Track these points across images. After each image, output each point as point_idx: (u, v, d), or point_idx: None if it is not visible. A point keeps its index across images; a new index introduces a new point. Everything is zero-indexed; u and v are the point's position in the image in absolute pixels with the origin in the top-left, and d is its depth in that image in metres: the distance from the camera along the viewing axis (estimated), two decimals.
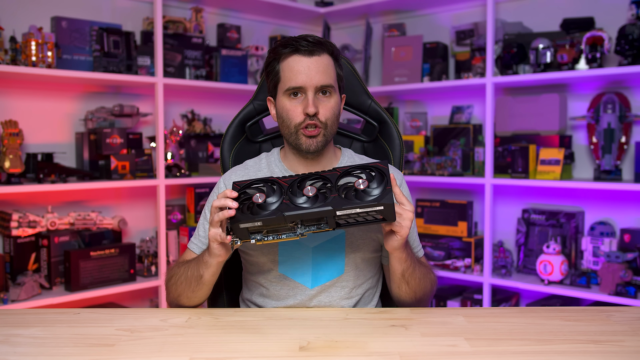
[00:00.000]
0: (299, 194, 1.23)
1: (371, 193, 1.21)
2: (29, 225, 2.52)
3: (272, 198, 1.23)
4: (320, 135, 1.42)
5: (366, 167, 1.26)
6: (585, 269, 2.72)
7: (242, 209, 1.23)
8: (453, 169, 3.08)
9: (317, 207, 1.20)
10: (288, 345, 1.16)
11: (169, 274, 1.46)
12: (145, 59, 2.87)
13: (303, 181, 1.26)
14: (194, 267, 1.38)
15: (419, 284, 1.41)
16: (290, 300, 1.46)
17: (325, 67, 1.41)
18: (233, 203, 1.22)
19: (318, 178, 1.26)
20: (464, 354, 1.11)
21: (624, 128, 2.70)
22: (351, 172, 1.26)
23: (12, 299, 2.42)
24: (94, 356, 1.11)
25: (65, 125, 2.81)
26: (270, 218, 1.20)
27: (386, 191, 1.20)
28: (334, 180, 1.24)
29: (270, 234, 1.23)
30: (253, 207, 1.22)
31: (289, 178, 1.26)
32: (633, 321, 1.30)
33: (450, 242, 3.13)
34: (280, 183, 1.25)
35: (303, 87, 1.39)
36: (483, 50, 3.02)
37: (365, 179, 1.22)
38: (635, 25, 2.53)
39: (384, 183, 1.22)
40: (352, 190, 1.22)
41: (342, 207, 1.20)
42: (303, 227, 1.23)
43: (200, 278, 1.36)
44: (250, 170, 1.53)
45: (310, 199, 1.22)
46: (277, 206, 1.21)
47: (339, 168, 1.27)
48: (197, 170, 3.15)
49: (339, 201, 1.20)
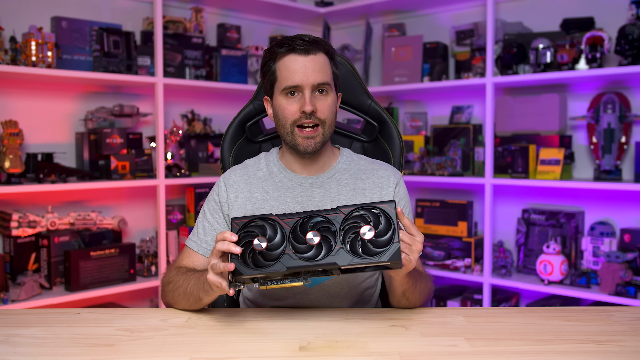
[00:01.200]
0: (301, 240, 1.19)
1: (377, 243, 1.17)
2: (29, 225, 2.52)
3: (273, 242, 1.19)
4: (319, 135, 1.42)
5: (372, 207, 1.21)
6: (585, 269, 2.72)
7: (243, 254, 1.19)
8: (453, 169, 3.08)
9: (321, 262, 1.17)
10: (288, 345, 1.16)
11: (168, 277, 1.44)
12: (145, 59, 2.87)
13: (305, 222, 1.21)
14: (194, 284, 1.34)
15: (418, 298, 1.40)
16: (290, 299, 1.46)
17: (321, 65, 1.41)
18: (236, 248, 1.18)
19: (320, 219, 1.21)
20: (464, 354, 1.11)
21: (624, 128, 2.70)
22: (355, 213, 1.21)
23: (12, 299, 2.42)
24: (94, 356, 1.11)
25: (65, 125, 2.81)
26: (273, 272, 1.18)
27: (393, 245, 1.17)
28: (339, 225, 1.20)
29: (273, 280, 1.21)
30: (254, 255, 1.19)
31: (290, 218, 1.21)
32: (633, 321, 1.30)
33: (450, 242, 3.13)
34: (281, 224, 1.21)
35: (300, 85, 1.39)
36: (483, 50, 3.02)
37: (372, 224, 1.19)
38: (635, 25, 2.53)
39: (391, 231, 1.18)
40: (357, 239, 1.18)
41: (347, 263, 1.17)
42: (307, 274, 1.21)
43: (200, 300, 1.34)
44: (249, 170, 1.53)
45: (313, 247, 1.19)
46: (279, 255, 1.18)
47: (342, 208, 1.21)
48: (197, 170, 3.15)
49: (344, 255, 1.18)
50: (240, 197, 1.47)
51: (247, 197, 1.47)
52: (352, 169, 1.52)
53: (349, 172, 1.51)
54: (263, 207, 1.45)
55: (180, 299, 1.38)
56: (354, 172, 1.52)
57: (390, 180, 1.50)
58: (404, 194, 1.52)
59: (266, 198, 1.47)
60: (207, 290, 1.29)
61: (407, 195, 1.54)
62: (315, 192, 1.47)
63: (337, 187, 1.48)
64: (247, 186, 1.49)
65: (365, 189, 1.49)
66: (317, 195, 1.47)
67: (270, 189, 1.48)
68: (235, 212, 1.46)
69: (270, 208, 1.45)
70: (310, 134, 1.41)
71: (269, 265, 1.18)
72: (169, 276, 1.44)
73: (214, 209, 1.50)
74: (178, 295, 1.38)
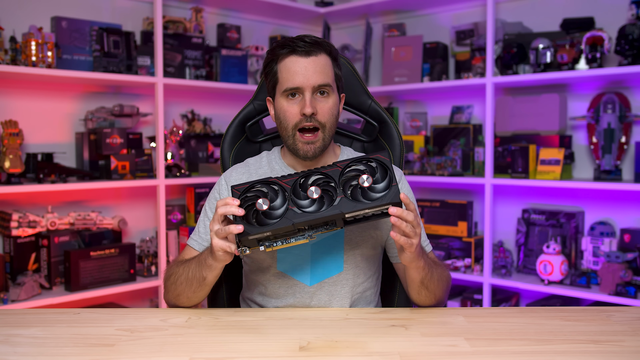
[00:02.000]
0: (302, 196, 1.22)
1: (377, 189, 1.21)
2: (29, 225, 2.52)
3: (275, 202, 1.21)
4: (319, 141, 1.41)
5: (368, 159, 1.24)
6: (585, 269, 2.72)
7: (246, 217, 1.21)
8: (453, 169, 3.08)
9: (326, 212, 1.20)
10: (288, 345, 1.16)
11: (168, 272, 1.45)
12: (145, 59, 2.87)
13: (305, 181, 1.24)
14: (194, 268, 1.36)
15: (437, 285, 1.40)
16: (290, 298, 1.46)
17: (322, 67, 1.41)
18: (239, 210, 1.20)
19: (319, 175, 1.24)
20: (464, 354, 1.11)
21: (624, 128, 2.70)
22: (352, 166, 1.24)
23: (12, 299, 2.42)
24: (94, 356, 1.10)
25: (65, 125, 2.81)
26: (280, 228, 1.19)
27: (392, 188, 1.20)
28: (337, 178, 1.23)
29: (278, 239, 1.22)
30: (258, 215, 1.21)
31: (288, 178, 1.24)
32: (633, 321, 1.30)
33: (450, 242, 3.13)
34: (281, 184, 1.23)
35: (300, 87, 1.39)
36: (483, 50, 3.02)
37: (369, 173, 1.22)
38: (635, 25, 2.53)
39: (388, 177, 1.21)
40: (357, 188, 1.22)
41: (351, 210, 1.19)
42: (311, 229, 1.23)
43: (203, 280, 1.35)
44: (251, 168, 1.53)
45: (315, 201, 1.21)
46: (283, 212, 1.20)
47: (339, 163, 1.24)
48: (197, 170, 3.15)
49: (346, 203, 1.20)
50: None
51: None
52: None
53: None
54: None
55: (183, 287, 1.39)
56: None
57: None
58: (407, 190, 1.52)
59: None
60: (210, 264, 1.31)
61: (410, 192, 1.53)
62: None
63: None
64: None
65: None
66: None
67: None
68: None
69: None
70: (310, 139, 1.41)
71: (275, 222, 1.19)
72: (169, 272, 1.45)
73: (215, 207, 1.49)
74: (180, 284, 1.39)
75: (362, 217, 1.23)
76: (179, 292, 1.41)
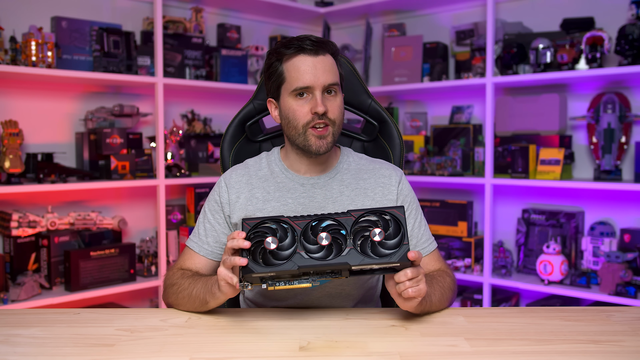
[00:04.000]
0: (312, 240, 1.20)
1: (387, 245, 1.19)
2: (29, 225, 2.52)
3: (284, 243, 1.19)
4: (330, 135, 1.41)
5: (382, 212, 1.22)
6: (585, 269, 2.72)
7: (253, 253, 1.19)
8: (453, 169, 3.08)
9: (333, 261, 1.18)
10: (288, 345, 1.16)
11: (172, 279, 1.43)
12: (145, 59, 2.87)
13: (316, 225, 1.21)
14: (200, 288, 1.34)
15: (438, 306, 1.37)
16: (291, 300, 1.45)
17: (330, 66, 1.41)
18: (245, 242, 1.18)
19: (331, 221, 1.22)
20: (464, 354, 1.11)
21: (624, 128, 2.70)
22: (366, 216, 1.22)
23: (12, 299, 2.42)
24: (94, 356, 1.10)
25: (65, 125, 2.81)
26: (285, 270, 1.18)
27: (403, 247, 1.18)
28: (349, 227, 1.21)
29: (282, 280, 1.21)
30: (265, 253, 1.19)
31: (301, 219, 1.22)
32: (633, 321, 1.30)
33: (450, 242, 3.13)
34: (293, 225, 1.21)
35: (310, 86, 1.38)
36: (483, 50, 3.02)
37: (382, 228, 1.19)
38: (635, 25, 2.53)
39: (400, 234, 1.19)
40: (367, 241, 1.20)
41: (358, 263, 1.18)
42: (316, 274, 1.22)
43: (206, 304, 1.34)
44: (250, 170, 1.52)
45: (324, 248, 1.19)
46: (290, 254, 1.19)
47: (353, 212, 1.22)
48: (197, 170, 3.15)
49: (354, 255, 1.19)
50: (241, 198, 1.47)
51: (249, 197, 1.47)
52: (353, 169, 1.51)
53: (350, 172, 1.51)
54: (264, 208, 1.45)
55: (185, 301, 1.38)
56: (355, 171, 1.51)
57: (392, 179, 1.50)
58: (408, 190, 1.51)
59: (267, 198, 1.46)
60: (214, 293, 1.29)
61: (411, 191, 1.52)
62: (317, 193, 1.47)
63: (339, 187, 1.48)
64: (249, 186, 1.48)
65: (367, 189, 1.48)
66: (318, 196, 1.46)
67: (272, 189, 1.47)
68: (237, 212, 1.46)
69: (271, 209, 1.44)
70: (322, 133, 1.40)
71: (280, 264, 1.18)
72: (173, 278, 1.43)
73: (215, 209, 1.49)
74: (182, 298, 1.38)
75: (369, 269, 1.21)
76: (180, 304, 1.40)
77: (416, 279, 1.20)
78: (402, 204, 1.48)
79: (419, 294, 1.21)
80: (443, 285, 1.39)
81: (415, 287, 1.20)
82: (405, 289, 1.20)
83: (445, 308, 1.40)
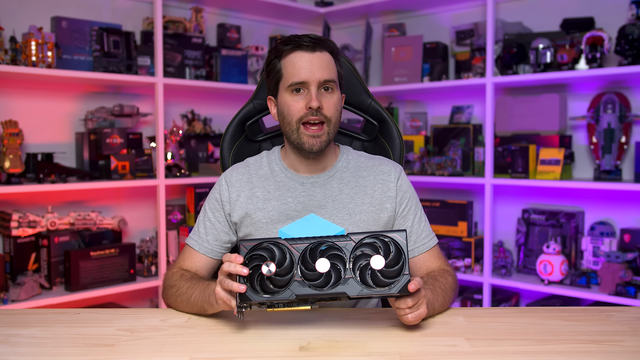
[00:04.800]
0: (311, 267, 1.17)
1: (387, 274, 1.16)
2: (29, 225, 2.52)
3: (282, 268, 1.17)
4: (325, 134, 1.41)
5: (383, 236, 1.19)
6: (585, 269, 2.72)
7: (251, 277, 1.17)
8: (453, 169, 3.08)
9: (330, 292, 1.16)
10: (288, 345, 1.16)
11: (171, 279, 1.43)
12: (145, 59, 2.87)
13: (315, 249, 1.19)
14: (198, 295, 1.33)
15: (440, 309, 1.37)
16: None
17: (327, 62, 1.41)
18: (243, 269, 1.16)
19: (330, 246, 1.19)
20: (464, 354, 1.11)
21: (624, 128, 2.70)
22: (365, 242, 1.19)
23: (12, 299, 2.42)
24: (94, 356, 1.10)
25: (65, 125, 2.81)
26: (282, 299, 1.17)
27: (403, 277, 1.16)
28: (348, 253, 1.18)
29: (280, 303, 1.20)
30: (262, 279, 1.17)
31: (299, 242, 1.19)
32: (633, 321, 1.30)
33: (450, 242, 3.13)
34: (291, 250, 1.19)
35: (306, 82, 1.39)
36: (483, 50, 3.02)
37: (382, 254, 1.17)
38: (635, 25, 2.53)
39: (401, 264, 1.16)
40: (367, 269, 1.17)
41: (357, 293, 1.16)
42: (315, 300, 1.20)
43: (204, 311, 1.34)
44: (251, 168, 1.52)
45: (322, 275, 1.17)
46: (288, 281, 1.17)
47: (352, 235, 1.19)
48: (197, 170, 3.15)
49: (353, 285, 1.17)
50: (242, 196, 1.47)
51: (249, 196, 1.47)
52: (352, 167, 1.52)
53: (349, 170, 1.51)
54: (265, 207, 1.45)
55: (183, 305, 1.38)
56: (354, 169, 1.51)
57: (391, 176, 1.50)
58: (407, 186, 1.51)
59: (268, 197, 1.46)
60: (212, 303, 1.28)
61: (411, 187, 1.52)
62: (316, 192, 1.47)
63: (339, 185, 1.48)
64: (249, 185, 1.48)
65: (367, 186, 1.48)
66: (318, 195, 1.46)
67: (272, 188, 1.48)
68: (237, 211, 1.46)
69: (271, 208, 1.45)
70: (316, 132, 1.40)
71: (278, 292, 1.17)
72: (172, 279, 1.42)
73: (215, 207, 1.49)
74: (181, 301, 1.38)
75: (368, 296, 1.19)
76: (179, 307, 1.40)
77: (416, 304, 1.20)
78: (401, 200, 1.48)
79: (419, 318, 1.21)
80: (445, 288, 1.38)
81: (416, 312, 1.20)
82: (405, 314, 1.20)
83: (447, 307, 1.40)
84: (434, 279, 1.39)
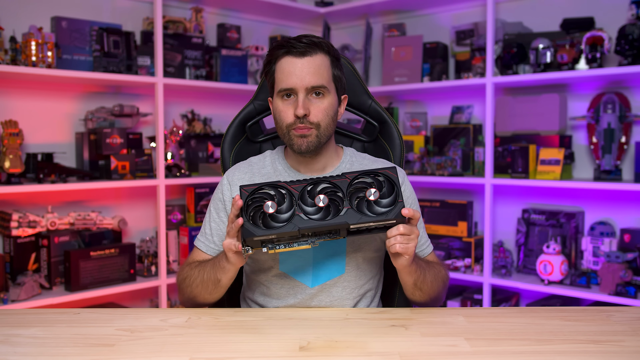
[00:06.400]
0: (309, 203, 1.24)
1: (382, 204, 1.23)
2: (29, 225, 2.52)
3: (282, 206, 1.24)
4: (313, 136, 1.40)
5: (376, 173, 1.27)
6: (585, 269, 2.72)
7: (254, 218, 1.23)
8: (453, 169, 3.08)
9: (331, 221, 1.23)
10: (288, 345, 1.16)
11: (182, 274, 1.46)
12: (145, 59, 2.87)
13: (313, 188, 1.26)
14: (209, 270, 1.38)
15: (431, 287, 1.42)
16: (291, 299, 1.46)
17: (317, 67, 1.39)
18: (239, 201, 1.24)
19: (327, 184, 1.26)
20: (464, 354, 1.11)
21: (624, 128, 2.70)
22: (360, 178, 1.26)
23: (12, 299, 2.42)
24: (94, 356, 1.11)
25: (65, 125, 2.81)
26: (285, 232, 1.22)
27: (398, 204, 1.23)
28: (345, 188, 1.25)
29: (281, 243, 1.25)
30: (264, 217, 1.23)
31: (297, 184, 1.26)
32: (633, 321, 1.30)
33: (450, 242, 3.13)
34: (290, 189, 1.25)
35: (293, 88, 1.39)
36: (483, 50, 3.02)
37: (376, 188, 1.24)
38: (635, 25, 2.53)
39: (394, 193, 1.24)
40: (363, 201, 1.24)
41: (356, 221, 1.22)
42: (315, 236, 1.25)
43: (218, 282, 1.37)
44: (254, 167, 1.53)
45: (322, 210, 1.23)
46: (290, 217, 1.23)
47: (347, 174, 1.27)
48: (197, 170, 3.15)
49: (352, 214, 1.23)
50: None
51: None
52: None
53: None
54: None
55: (199, 289, 1.41)
56: None
57: None
58: (410, 191, 1.53)
59: None
60: (223, 267, 1.34)
61: (413, 193, 1.54)
62: None
63: None
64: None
65: None
66: None
67: None
68: None
69: None
70: (304, 132, 1.40)
71: (281, 226, 1.22)
72: (183, 273, 1.46)
73: (219, 207, 1.50)
74: (196, 286, 1.41)
75: (365, 229, 1.26)
76: (196, 294, 1.43)
77: (408, 237, 1.26)
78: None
79: (406, 252, 1.26)
80: (437, 273, 1.44)
81: (404, 244, 1.25)
82: (394, 243, 1.25)
83: (436, 298, 1.45)
84: (428, 262, 1.46)
